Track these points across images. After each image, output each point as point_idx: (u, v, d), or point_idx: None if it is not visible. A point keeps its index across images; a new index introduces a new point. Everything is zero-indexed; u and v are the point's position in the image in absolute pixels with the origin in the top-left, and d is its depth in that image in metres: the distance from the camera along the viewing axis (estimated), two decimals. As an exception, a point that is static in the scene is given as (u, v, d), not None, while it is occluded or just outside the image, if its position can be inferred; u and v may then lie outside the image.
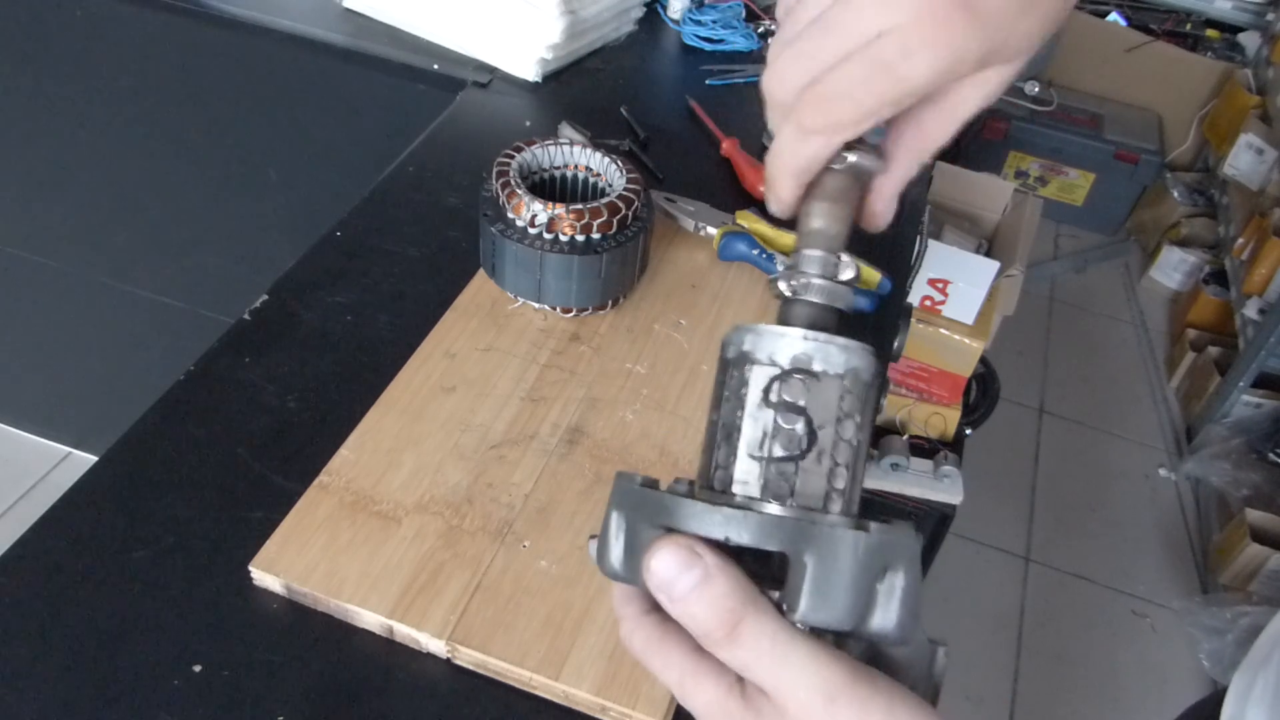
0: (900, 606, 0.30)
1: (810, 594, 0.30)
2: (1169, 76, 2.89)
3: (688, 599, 0.30)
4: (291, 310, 0.75)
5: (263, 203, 1.26)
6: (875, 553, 0.30)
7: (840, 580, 0.29)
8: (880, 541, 0.30)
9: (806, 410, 0.32)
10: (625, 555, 0.32)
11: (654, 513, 0.32)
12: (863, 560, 0.30)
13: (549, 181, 0.79)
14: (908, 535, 0.30)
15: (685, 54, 1.20)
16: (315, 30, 1.10)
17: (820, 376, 0.32)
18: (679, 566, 0.30)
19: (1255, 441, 2.14)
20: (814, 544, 0.30)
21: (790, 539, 0.30)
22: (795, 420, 0.32)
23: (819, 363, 0.32)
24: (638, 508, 0.32)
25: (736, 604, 0.30)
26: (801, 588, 0.30)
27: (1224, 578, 1.95)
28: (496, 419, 0.67)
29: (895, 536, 0.30)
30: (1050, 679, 1.83)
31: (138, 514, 0.60)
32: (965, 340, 1.49)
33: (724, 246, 0.83)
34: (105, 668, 0.53)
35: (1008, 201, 1.73)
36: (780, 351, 0.33)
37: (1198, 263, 2.68)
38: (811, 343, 0.33)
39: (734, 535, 0.30)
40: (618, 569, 0.33)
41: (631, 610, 0.34)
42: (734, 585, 0.30)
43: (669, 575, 0.30)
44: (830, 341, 0.33)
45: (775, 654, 0.30)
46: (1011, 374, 2.36)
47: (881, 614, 0.30)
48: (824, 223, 0.35)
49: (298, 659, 0.55)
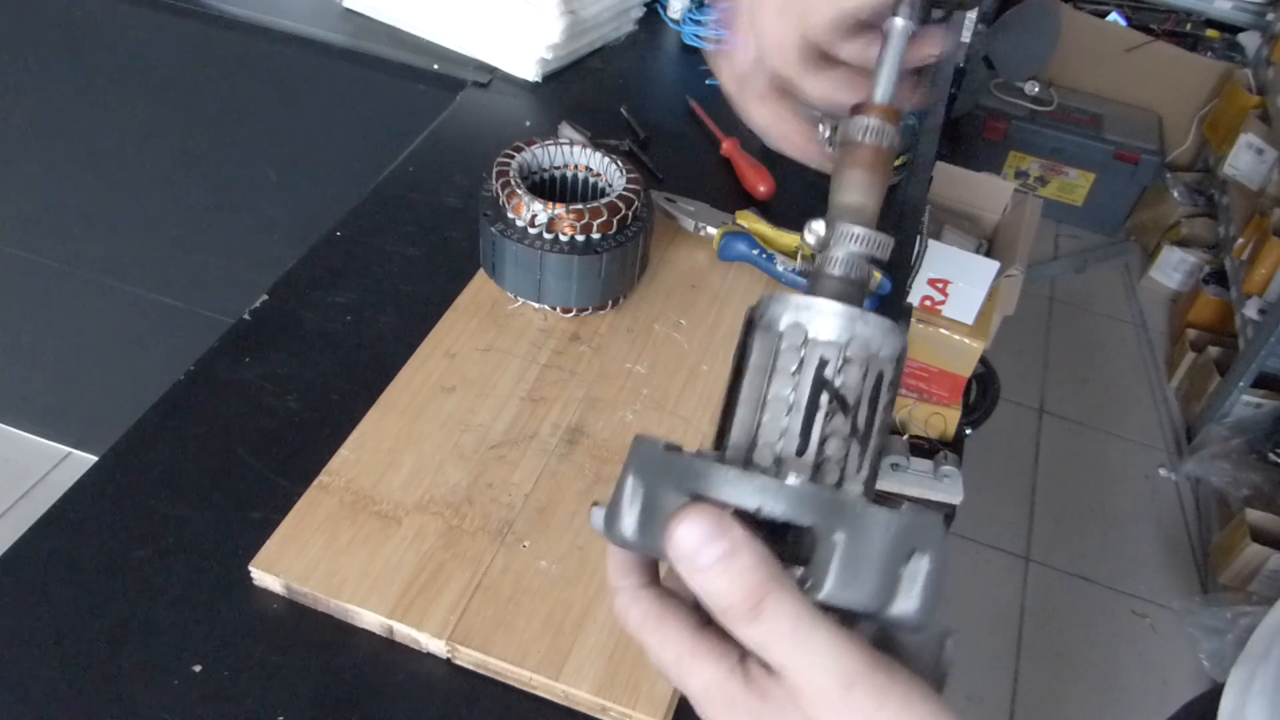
0: (923, 591, 0.29)
1: (839, 572, 0.29)
2: (1169, 76, 2.89)
3: (712, 569, 0.29)
4: (291, 310, 0.75)
5: (263, 203, 1.26)
6: (905, 534, 0.29)
7: (870, 560, 0.29)
8: (911, 523, 0.29)
9: (844, 388, 0.32)
10: (640, 522, 0.31)
11: (680, 478, 0.30)
12: (894, 541, 0.29)
13: (549, 181, 0.79)
14: (935, 519, 0.29)
15: (685, 54, 1.20)
16: (315, 30, 1.10)
17: (857, 356, 0.32)
18: (707, 535, 0.29)
19: (1255, 441, 2.14)
20: (847, 520, 0.29)
21: (824, 514, 0.29)
22: (834, 397, 0.32)
23: (859, 341, 0.32)
24: (660, 472, 0.31)
25: (763, 578, 0.29)
26: (831, 565, 0.29)
27: (1224, 578, 1.95)
28: (496, 419, 0.67)
29: (925, 519, 0.29)
30: (1050, 679, 1.83)
31: (138, 514, 0.60)
32: (965, 340, 1.49)
33: (724, 246, 0.83)
34: (105, 668, 0.53)
35: (1008, 201, 1.73)
36: (824, 328, 0.32)
37: (1198, 263, 2.68)
38: (855, 321, 0.32)
39: (767, 506, 0.29)
40: (631, 536, 0.31)
41: (629, 583, 0.33)
42: (761, 559, 0.29)
43: (695, 543, 0.29)
44: (871, 321, 0.32)
45: (797, 634, 0.29)
46: (1011, 374, 2.36)
47: (905, 598, 0.29)
48: (862, 197, 0.35)
49: (298, 659, 0.55)
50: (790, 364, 0.32)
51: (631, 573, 0.33)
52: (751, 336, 0.34)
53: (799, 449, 0.32)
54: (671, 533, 0.30)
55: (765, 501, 0.29)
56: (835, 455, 0.32)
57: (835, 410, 0.32)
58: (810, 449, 0.32)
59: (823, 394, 0.32)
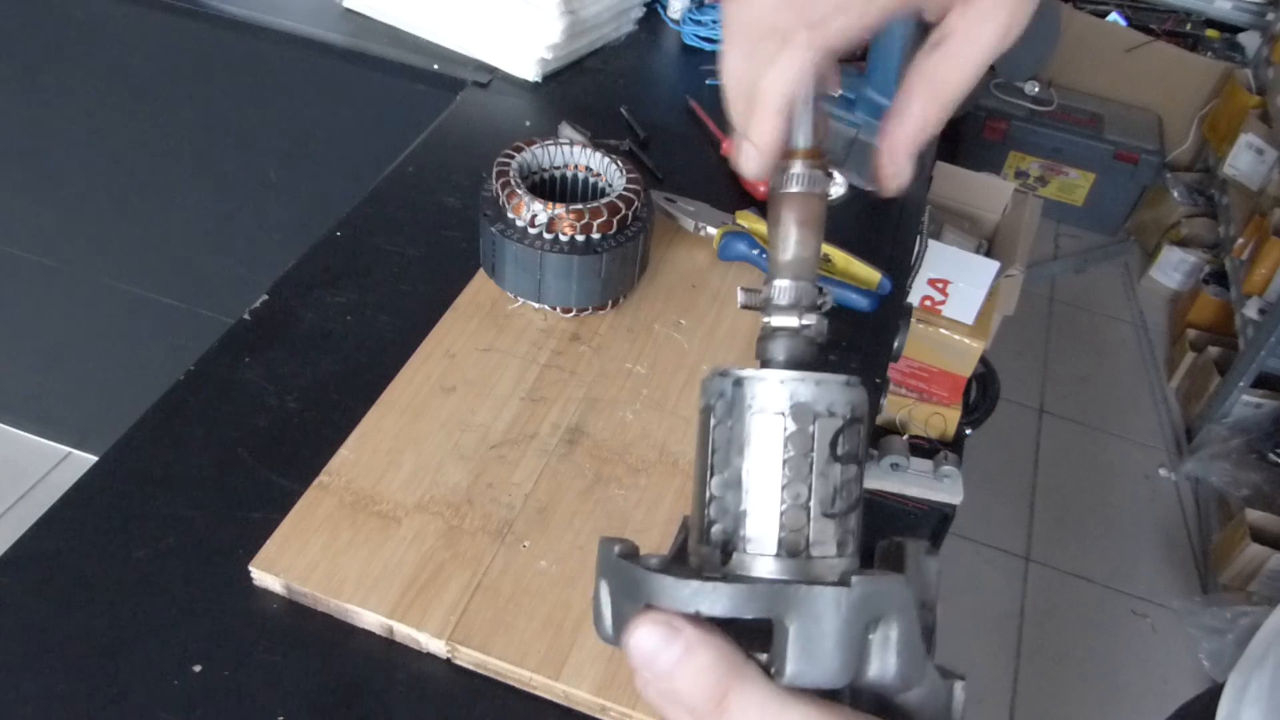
0: (896, 656, 0.29)
1: (796, 657, 0.29)
2: (1169, 76, 2.89)
3: (671, 675, 0.29)
4: (291, 310, 0.75)
5: (263, 203, 1.26)
6: (860, 606, 0.29)
7: (825, 639, 0.29)
8: (865, 594, 0.29)
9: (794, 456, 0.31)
10: (614, 625, 0.32)
11: (630, 588, 0.31)
12: (847, 616, 0.29)
13: (549, 181, 0.79)
14: (895, 584, 0.29)
15: (685, 54, 1.20)
16: (315, 30, 1.10)
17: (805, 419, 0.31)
18: (658, 643, 0.29)
19: (1255, 441, 2.14)
20: (792, 606, 0.29)
21: (767, 605, 0.29)
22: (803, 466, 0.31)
23: (818, 403, 0.32)
24: (617, 579, 0.31)
25: (722, 674, 0.29)
26: (786, 651, 0.29)
27: (1224, 578, 1.95)
28: (496, 419, 0.67)
29: (882, 586, 0.29)
30: (1050, 679, 1.83)
31: (138, 514, 0.60)
32: (965, 340, 1.49)
33: (724, 246, 0.83)
34: (105, 668, 0.53)
35: (1008, 201, 1.73)
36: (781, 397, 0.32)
37: (1198, 263, 2.68)
38: (814, 385, 0.32)
39: (705, 608, 0.29)
40: (612, 636, 0.32)
41: None
42: (717, 656, 0.29)
43: (649, 652, 0.29)
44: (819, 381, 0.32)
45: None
46: (1011, 374, 2.36)
47: (879, 664, 0.29)
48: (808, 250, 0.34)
49: (298, 659, 0.55)
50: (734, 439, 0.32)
51: None
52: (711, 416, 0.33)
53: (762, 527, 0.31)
54: (626, 644, 0.30)
55: (704, 604, 0.29)
56: (799, 525, 0.31)
57: (792, 479, 0.31)
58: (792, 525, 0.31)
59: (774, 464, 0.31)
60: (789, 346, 0.34)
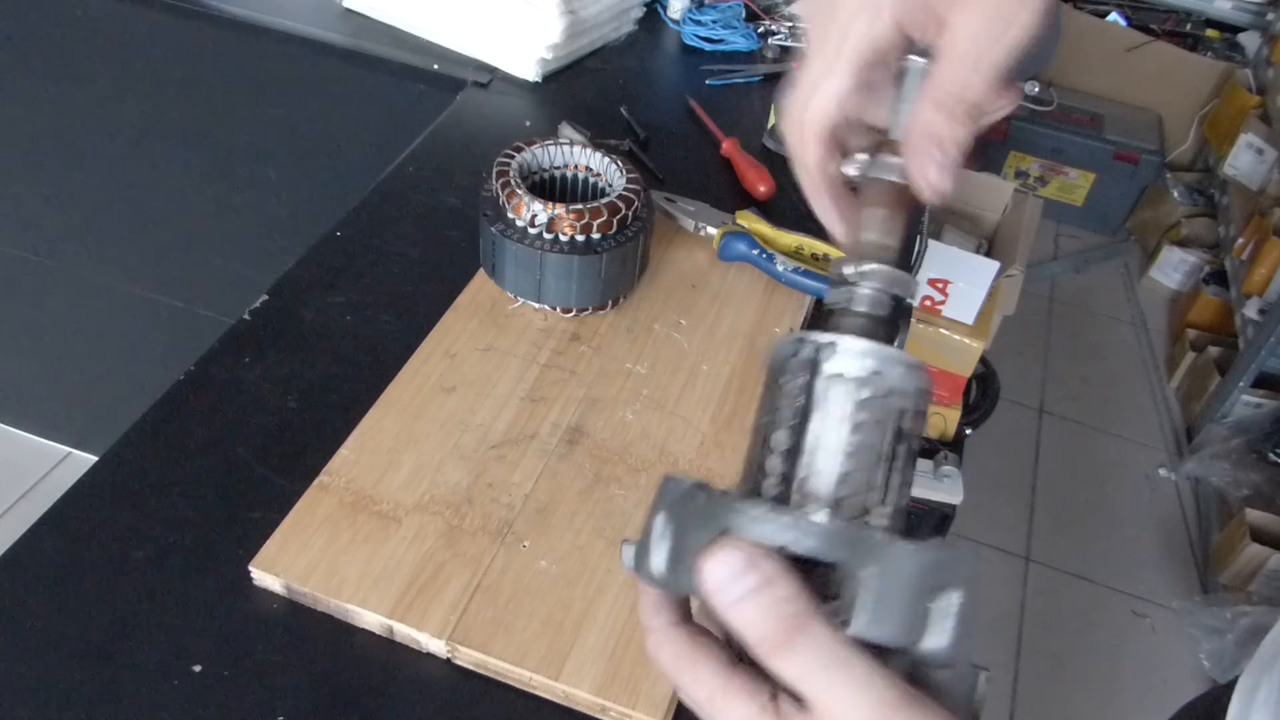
0: (955, 627, 0.29)
1: (870, 608, 0.29)
2: (1169, 76, 2.89)
3: (746, 602, 0.29)
4: (291, 310, 0.75)
5: (263, 203, 1.26)
6: (935, 570, 0.29)
7: (900, 595, 0.29)
8: (940, 559, 0.29)
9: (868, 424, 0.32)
10: (670, 560, 0.31)
11: (709, 516, 0.31)
12: (923, 576, 0.29)
13: (549, 181, 0.79)
14: (967, 555, 0.30)
15: (685, 54, 1.20)
16: (315, 30, 1.10)
17: (880, 393, 0.32)
18: (739, 568, 0.29)
19: (1255, 441, 2.14)
20: (877, 557, 0.29)
21: (852, 550, 0.29)
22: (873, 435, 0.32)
23: (882, 378, 0.32)
24: (689, 510, 0.31)
25: (796, 611, 0.29)
26: (861, 600, 0.29)
27: (1224, 578, 1.95)
28: (496, 419, 0.67)
29: (955, 555, 0.29)
30: (1050, 679, 1.83)
31: (138, 514, 0.60)
32: (965, 340, 1.49)
33: (724, 246, 0.83)
34: (105, 668, 0.53)
35: (1008, 201, 1.73)
36: (846, 365, 0.32)
37: (1198, 263, 2.68)
38: (879, 358, 0.32)
39: (797, 543, 0.29)
40: (662, 574, 0.31)
41: (660, 621, 0.33)
42: (795, 592, 0.29)
43: (727, 577, 0.29)
44: (894, 357, 0.32)
45: (831, 668, 0.29)
46: (1011, 374, 2.36)
47: (936, 633, 0.29)
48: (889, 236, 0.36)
49: (298, 659, 0.55)
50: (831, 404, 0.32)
51: (662, 611, 0.33)
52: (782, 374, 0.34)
53: (826, 486, 0.32)
54: (703, 567, 0.30)
55: (793, 538, 0.30)
56: (860, 490, 0.32)
57: (861, 446, 0.32)
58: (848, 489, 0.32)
59: (848, 430, 0.32)
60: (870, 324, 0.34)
